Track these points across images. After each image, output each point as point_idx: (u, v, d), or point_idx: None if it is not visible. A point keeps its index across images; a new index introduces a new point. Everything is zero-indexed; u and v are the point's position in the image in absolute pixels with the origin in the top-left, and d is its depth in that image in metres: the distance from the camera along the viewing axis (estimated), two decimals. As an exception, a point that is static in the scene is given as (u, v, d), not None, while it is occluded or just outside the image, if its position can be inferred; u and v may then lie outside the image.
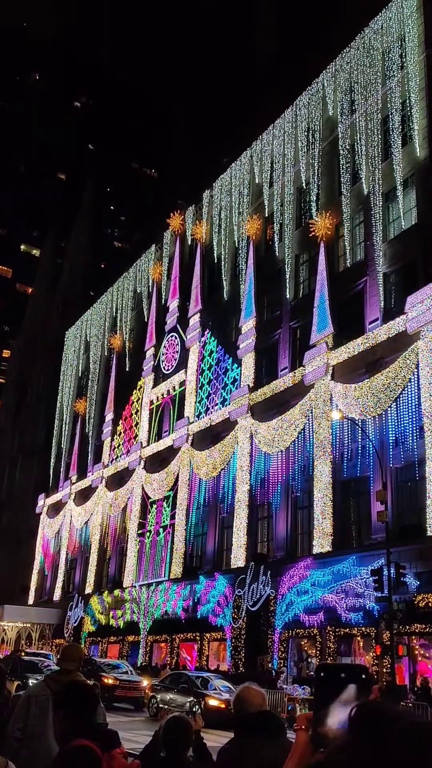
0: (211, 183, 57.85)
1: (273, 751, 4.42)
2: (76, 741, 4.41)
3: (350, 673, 1.92)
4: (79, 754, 4.33)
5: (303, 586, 35.84)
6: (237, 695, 5.09)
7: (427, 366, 32.51)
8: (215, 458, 47.19)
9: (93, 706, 4.82)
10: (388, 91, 40.51)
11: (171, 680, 30.67)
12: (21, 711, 6.91)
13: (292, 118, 48.80)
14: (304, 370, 40.69)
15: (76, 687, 5.02)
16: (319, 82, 46.70)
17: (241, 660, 38.57)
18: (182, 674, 31.82)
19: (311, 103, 47.13)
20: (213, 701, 26.73)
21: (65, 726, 4.59)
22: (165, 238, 64.21)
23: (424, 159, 37.26)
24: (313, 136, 46.56)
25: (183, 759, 5.78)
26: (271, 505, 42.95)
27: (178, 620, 45.70)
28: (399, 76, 39.90)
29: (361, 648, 33.93)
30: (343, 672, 1.92)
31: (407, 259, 37.40)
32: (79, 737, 4.43)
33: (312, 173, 46.03)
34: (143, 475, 57.22)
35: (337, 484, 37.39)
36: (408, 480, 33.71)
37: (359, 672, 1.94)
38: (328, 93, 45.64)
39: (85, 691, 4.90)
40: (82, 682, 5.48)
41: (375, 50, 42.02)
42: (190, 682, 29.21)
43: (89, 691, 4.96)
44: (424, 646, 31.29)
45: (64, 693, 4.89)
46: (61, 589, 69.21)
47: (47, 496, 77.58)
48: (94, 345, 75.75)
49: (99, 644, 56.29)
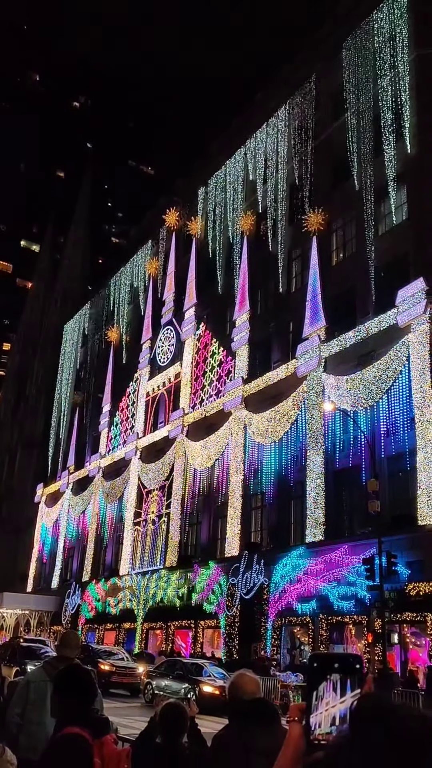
0: (206, 180, 57.83)
1: (266, 737, 4.41)
2: (68, 729, 4.33)
3: (344, 662, 1.78)
4: (70, 742, 4.26)
5: (296, 575, 35.73)
6: (231, 682, 5.01)
7: (417, 358, 32.52)
8: (210, 449, 47.11)
9: (92, 692, 4.73)
10: (379, 90, 40.40)
11: (166, 667, 30.50)
12: (20, 697, 6.90)
13: (285, 117, 48.86)
14: (297, 363, 40.60)
15: (76, 671, 4.94)
16: (311, 81, 46.67)
17: (235, 647, 38.45)
18: (177, 661, 31.68)
19: (304, 102, 47.16)
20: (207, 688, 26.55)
21: (61, 710, 4.53)
22: (161, 234, 64.21)
23: (415, 156, 37.21)
24: (305, 134, 46.57)
25: (178, 745, 5.79)
26: (264, 495, 42.89)
27: (173, 608, 45.61)
28: (390, 75, 39.80)
29: (353, 636, 33.87)
30: (337, 662, 1.78)
31: (398, 254, 37.29)
32: (71, 724, 4.34)
33: (305, 170, 45.96)
34: (139, 465, 57.13)
35: (329, 474, 37.28)
36: (399, 470, 33.63)
37: (353, 662, 1.79)
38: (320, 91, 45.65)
39: (85, 676, 4.82)
40: (82, 667, 5.41)
41: (367, 50, 41.86)
42: (185, 669, 29.07)
43: (89, 677, 4.88)
44: (415, 634, 31.25)
45: (64, 676, 4.79)
46: (58, 577, 69.20)
47: (45, 486, 77.53)
48: (92, 338, 75.80)
49: (96, 631, 56.27)
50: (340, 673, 1.75)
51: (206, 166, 59.00)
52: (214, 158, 58.13)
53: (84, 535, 65.62)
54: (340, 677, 1.75)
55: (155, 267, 63.98)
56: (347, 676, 1.75)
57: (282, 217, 47.81)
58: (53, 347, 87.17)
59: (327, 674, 1.76)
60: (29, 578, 76.11)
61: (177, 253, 60.57)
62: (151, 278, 64.33)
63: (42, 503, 77.09)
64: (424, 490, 30.73)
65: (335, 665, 1.77)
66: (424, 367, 32.14)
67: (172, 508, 50.80)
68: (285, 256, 47.07)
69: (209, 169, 58.02)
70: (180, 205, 61.34)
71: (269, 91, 53.42)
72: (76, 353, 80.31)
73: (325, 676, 1.76)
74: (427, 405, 31.49)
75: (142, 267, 67.32)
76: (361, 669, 1.78)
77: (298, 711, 1.82)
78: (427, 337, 32.46)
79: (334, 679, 1.75)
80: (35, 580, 75.35)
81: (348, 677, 1.75)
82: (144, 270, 66.48)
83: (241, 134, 54.48)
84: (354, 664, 1.78)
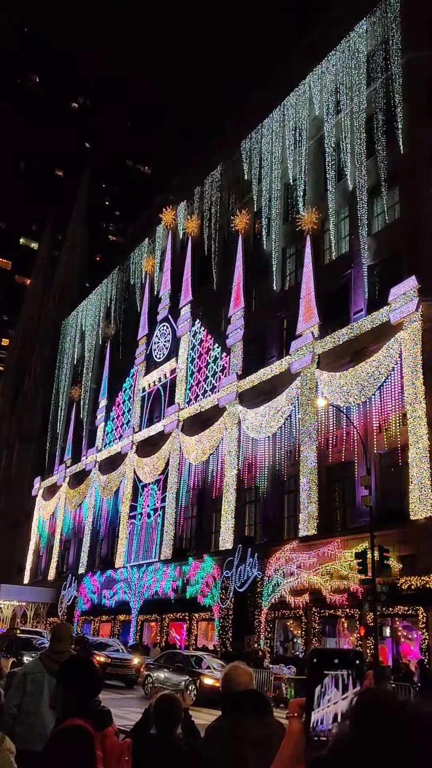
0: (202, 180, 57.82)
1: (259, 729, 4.42)
2: (70, 720, 4.31)
3: (345, 658, 1.69)
4: (73, 734, 4.25)
5: (289, 568, 35.65)
6: (225, 674, 4.98)
7: (409, 355, 32.64)
8: (204, 443, 47.07)
9: (97, 684, 4.72)
10: (372, 92, 40.60)
11: (165, 659, 30.12)
12: (17, 688, 6.88)
13: (280, 118, 48.91)
14: (290, 359, 40.64)
15: (82, 663, 4.90)
16: (306, 84, 46.70)
17: (229, 639, 38.41)
18: (177, 653, 31.30)
19: (298, 104, 47.25)
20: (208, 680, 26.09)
21: (65, 701, 4.50)
22: (158, 232, 64.20)
23: (407, 156, 37.24)
24: (300, 135, 46.71)
25: (173, 736, 5.77)
26: (258, 490, 42.92)
27: (167, 600, 45.55)
28: (383, 78, 39.97)
29: (346, 629, 33.83)
30: (336, 657, 1.69)
31: (391, 252, 37.39)
32: (74, 716, 4.32)
33: (299, 170, 46.11)
34: (135, 459, 57.06)
35: (322, 469, 37.27)
36: (391, 465, 33.65)
37: (354, 657, 1.71)
38: (314, 94, 45.68)
39: (91, 668, 4.80)
40: (87, 659, 5.37)
41: (360, 53, 41.99)
42: (185, 661, 28.84)
43: (95, 669, 4.86)
44: (406, 627, 31.22)
45: (69, 668, 4.75)
46: (55, 570, 69.12)
47: (43, 479, 77.46)
48: (89, 334, 75.80)
49: (91, 623, 56.17)
50: (342, 669, 1.67)
51: (202, 166, 58.99)
52: (210, 158, 58.14)
53: (80, 528, 65.52)
54: (345, 673, 1.67)
55: (152, 264, 64.00)
56: (349, 672, 1.67)
57: (276, 216, 47.95)
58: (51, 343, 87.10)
59: (328, 670, 1.68)
60: (26, 570, 76.03)
61: (173, 251, 60.54)
62: (147, 275, 64.36)
63: (39, 496, 76.97)
64: (415, 485, 30.73)
65: (335, 661, 1.69)
66: (415, 363, 32.24)
67: (167, 501, 50.75)
68: (279, 254, 47.24)
69: (205, 168, 58.01)
70: (176, 204, 61.35)
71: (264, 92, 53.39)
72: (73, 349, 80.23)
73: (325, 672, 1.68)
74: (419, 401, 31.56)
75: (138, 264, 67.34)
76: (362, 665, 1.70)
77: (297, 707, 1.74)
78: (419, 334, 32.63)
79: (338, 675, 1.67)
80: (32, 572, 75.22)
81: (350, 673, 1.67)
82: (141, 267, 66.53)
83: (236, 135, 54.51)
84: (355, 659, 1.71)
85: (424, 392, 31.63)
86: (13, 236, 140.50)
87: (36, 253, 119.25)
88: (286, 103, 48.42)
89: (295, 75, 48.25)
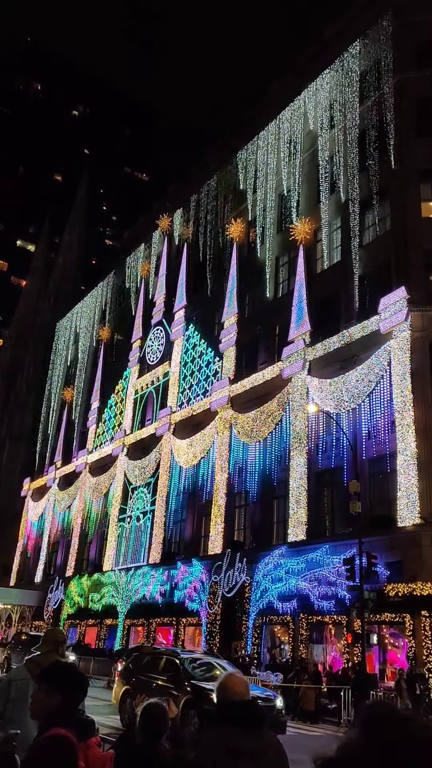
0: (198, 188, 58.05)
1: (254, 742, 4.16)
2: (54, 729, 4.09)
3: None
4: (56, 744, 4.03)
5: (277, 574, 35.36)
6: (220, 683, 4.70)
7: (398, 363, 32.82)
8: (195, 447, 46.85)
9: (81, 690, 4.55)
10: (365, 110, 41.37)
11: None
12: (1, 695, 6.62)
13: (275, 131, 49.50)
14: (282, 365, 40.62)
15: (65, 668, 4.73)
16: (300, 99, 47.37)
17: (216, 645, 38.01)
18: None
19: (293, 118, 47.89)
20: None
21: (47, 707, 4.30)
22: (154, 238, 64.30)
23: (398, 171, 37.78)
24: (294, 148, 47.32)
25: (158, 746, 5.44)
26: (248, 494, 42.69)
27: (155, 604, 45.14)
28: (375, 96, 40.79)
29: (333, 636, 33.57)
30: None
31: (381, 263, 37.80)
32: (58, 725, 4.11)
33: (293, 181, 46.76)
34: (126, 461, 56.73)
35: (312, 474, 37.14)
36: (380, 472, 33.55)
37: None
38: (309, 109, 46.39)
39: (73, 673, 4.64)
40: (69, 663, 5.14)
41: (353, 72, 42.78)
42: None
43: (78, 673, 4.69)
44: (393, 635, 30.95)
45: (52, 672, 4.56)
46: (42, 572, 68.34)
47: (32, 480, 76.93)
48: (83, 336, 75.63)
49: (78, 627, 55.59)
50: None
51: (199, 174, 59.16)
52: (206, 167, 58.36)
53: (69, 530, 65.04)
54: None
55: (147, 269, 64.10)
56: None
57: (270, 226, 48.31)
58: (45, 344, 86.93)
59: None
60: (12, 572, 75.26)
61: (168, 257, 60.64)
62: (142, 280, 64.38)
63: (28, 497, 76.41)
64: (403, 492, 30.69)
65: None
66: (404, 372, 32.41)
67: (156, 505, 50.44)
68: (273, 262, 47.54)
69: (202, 177, 58.21)
70: (173, 211, 61.41)
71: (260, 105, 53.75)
72: (67, 351, 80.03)
73: None
74: (407, 409, 31.64)
75: (134, 269, 67.39)
76: None
77: None
78: (408, 343, 32.91)
79: None
80: (18, 574, 74.41)
81: None
82: (136, 272, 66.60)
83: (232, 146, 54.85)
84: None
85: (413, 400, 31.72)
86: (10, 238, 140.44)
87: (32, 256, 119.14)
88: (282, 117, 49.00)
89: (290, 91, 48.77)
